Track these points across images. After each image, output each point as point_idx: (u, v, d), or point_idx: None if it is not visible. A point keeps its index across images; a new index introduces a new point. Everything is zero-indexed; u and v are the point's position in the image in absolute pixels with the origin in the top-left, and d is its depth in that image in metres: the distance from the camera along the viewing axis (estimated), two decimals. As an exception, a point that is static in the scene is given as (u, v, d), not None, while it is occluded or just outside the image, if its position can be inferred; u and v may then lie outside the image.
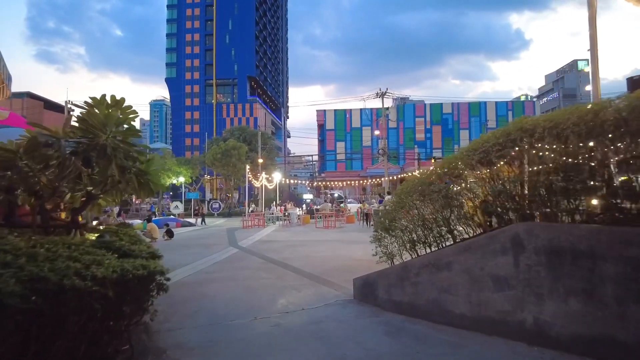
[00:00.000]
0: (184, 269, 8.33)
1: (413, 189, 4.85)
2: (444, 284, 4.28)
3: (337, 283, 6.69)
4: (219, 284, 6.88)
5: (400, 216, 5.11)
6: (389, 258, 5.33)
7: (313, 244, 12.19)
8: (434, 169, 4.64)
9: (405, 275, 4.80)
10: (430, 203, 4.53)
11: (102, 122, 4.11)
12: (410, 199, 4.87)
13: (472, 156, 4.01)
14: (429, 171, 4.66)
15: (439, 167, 4.53)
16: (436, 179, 4.50)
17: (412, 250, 5.09)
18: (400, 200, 5.06)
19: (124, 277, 2.67)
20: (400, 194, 5.13)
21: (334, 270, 7.81)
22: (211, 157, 33.51)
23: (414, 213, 4.84)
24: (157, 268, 3.13)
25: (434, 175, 4.50)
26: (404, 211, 5.04)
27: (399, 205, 5.06)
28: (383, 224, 5.36)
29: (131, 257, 3.26)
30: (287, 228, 18.49)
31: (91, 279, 2.31)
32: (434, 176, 4.51)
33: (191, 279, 7.38)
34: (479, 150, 3.90)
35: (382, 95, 36.46)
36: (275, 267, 8.39)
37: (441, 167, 4.51)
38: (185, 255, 10.50)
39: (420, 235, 4.81)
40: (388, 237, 5.37)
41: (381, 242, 5.49)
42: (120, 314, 2.83)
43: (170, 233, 14.32)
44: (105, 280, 2.44)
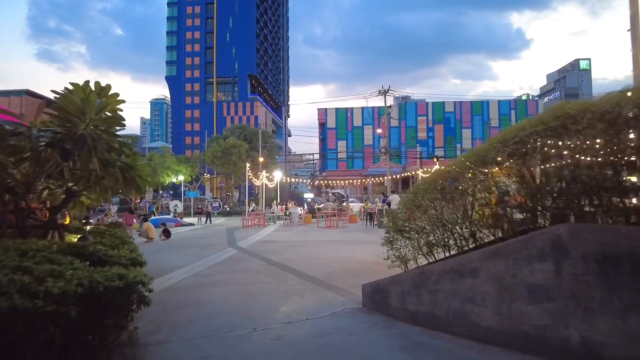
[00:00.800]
0: (179, 272, 7.84)
1: (431, 186, 4.34)
2: (469, 292, 3.77)
3: (343, 288, 6.19)
4: (216, 289, 6.39)
5: (416, 216, 4.61)
6: (402, 262, 4.83)
7: (315, 244, 11.70)
8: (455, 163, 4.14)
9: (422, 282, 4.30)
10: (452, 202, 4.02)
11: (79, 108, 3.61)
12: (428, 197, 4.37)
13: (503, 148, 3.50)
14: (450, 166, 4.15)
15: (461, 161, 4.03)
16: (458, 175, 4.00)
17: (429, 255, 4.59)
18: (416, 199, 4.55)
19: (93, 290, 2.18)
20: (417, 192, 4.63)
21: (339, 274, 7.32)
22: (211, 155, 33.00)
23: (432, 213, 4.34)
24: (137, 278, 2.63)
25: (456, 170, 3.99)
26: (419, 211, 4.54)
27: (415, 205, 4.56)
28: (396, 225, 4.86)
29: (107, 265, 2.76)
30: (288, 228, 18.00)
31: (44, 296, 1.82)
32: (455, 171, 4.00)
33: (187, 283, 6.89)
34: (511, 141, 3.39)
35: (384, 93, 35.91)
36: (276, 269, 7.89)
37: (464, 161, 4.00)
38: (182, 256, 10.01)
39: (439, 238, 4.31)
40: (401, 239, 4.86)
41: (393, 244, 5.00)
42: (90, 334, 2.33)
43: (167, 233, 13.82)
44: (65, 297, 1.95)
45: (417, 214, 4.61)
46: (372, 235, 13.88)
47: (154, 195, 39.58)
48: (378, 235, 13.84)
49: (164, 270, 7.99)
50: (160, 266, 8.57)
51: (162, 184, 36.16)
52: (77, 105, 3.58)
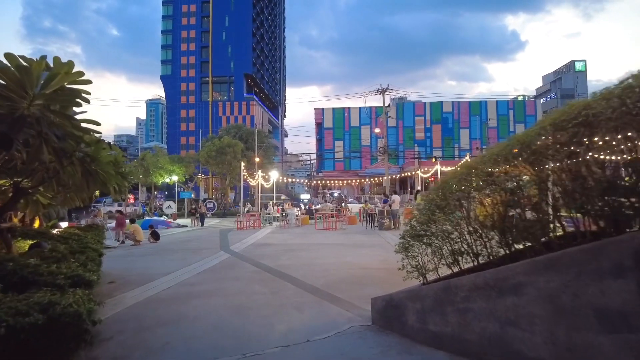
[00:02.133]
0: (163, 280, 7.04)
1: (463, 180, 3.59)
2: (511, 314, 3.02)
3: (348, 300, 5.43)
4: (202, 301, 5.59)
5: (438, 219, 3.85)
6: (420, 274, 4.06)
7: (314, 248, 10.92)
8: (493, 151, 3.37)
9: (448, 298, 3.55)
10: (490, 198, 3.27)
11: (18, 81, 2.82)
12: (457, 196, 3.61)
13: (558, 132, 2.75)
14: (490, 154, 3.38)
15: (501, 148, 3.26)
16: (499, 165, 3.24)
17: (454, 264, 3.83)
18: (441, 197, 3.79)
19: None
20: (442, 189, 3.87)
21: (342, 282, 6.55)
22: (205, 154, 32.07)
23: (461, 215, 3.59)
24: (72, 307, 1.84)
25: (499, 159, 3.22)
26: (443, 212, 3.78)
27: (437, 205, 3.80)
28: (413, 229, 4.09)
29: (33, 287, 1.97)
30: (285, 229, 17.19)
31: None
32: (498, 160, 3.24)
33: (169, 294, 6.09)
34: (570, 122, 2.64)
35: (382, 92, 35.22)
36: (271, 277, 7.11)
37: (507, 147, 3.23)
38: (168, 261, 9.19)
39: (468, 245, 3.55)
40: (419, 245, 4.10)
41: (409, 251, 4.23)
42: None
43: (155, 235, 12.97)
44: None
45: (440, 216, 3.85)
46: (373, 237, 13.13)
47: (148, 196, 38.65)
48: (380, 238, 13.20)
49: (147, 278, 7.19)
50: (143, 273, 7.76)
51: (155, 184, 35.21)
52: (13, 76, 2.79)
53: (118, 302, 5.57)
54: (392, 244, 11.54)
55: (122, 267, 8.64)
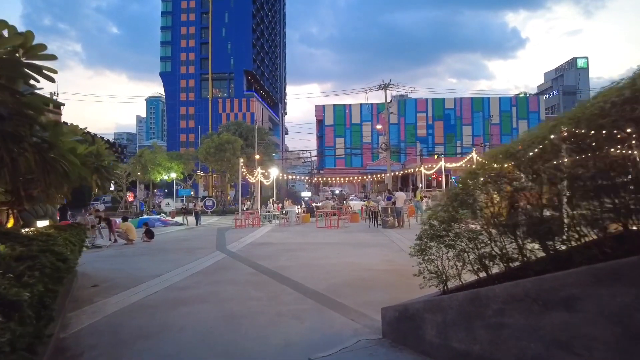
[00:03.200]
0: (151, 283, 6.47)
1: (494, 170, 2.99)
2: (560, 334, 2.43)
3: (354, 308, 4.85)
4: (191, 308, 5.02)
5: (464, 216, 3.26)
6: (440, 281, 3.48)
7: (315, 247, 10.34)
8: (538, 132, 2.77)
9: (476, 310, 2.96)
10: (538, 188, 2.69)
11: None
12: (489, 188, 3.02)
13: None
14: (541, 131, 2.75)
15: (550, 127, 2.65)
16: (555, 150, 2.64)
17: (481, 270, 3.25)
18: (468, 191, 3.20)
19: None
20: (467, 183, 3.27)
21: (346, 286, 5.97)
22: (204, 151, 31.43)
23: (495, 211, 3.00)
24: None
25: (542, 140, 2.62)
26: (470, 210, 3.19)
27: (463, 200, 3.20)
28: (433, 228, 3.50)
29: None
30: (285, 228, 16.62)
31: None
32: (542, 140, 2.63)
33: (156, 299, 5.52)
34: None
35: (384, 87, 34.57)
36: (269, 280, 6.53)
37: (554, 126, 2.62)
38: (160, 262, 8.62)
39: (501, 247, 2.97)
40: (438, 247, 3.52)
41: (426, 254, 3.64)
42: None
43: (149, 234, 12.40)
44: None
45: (464, 213, 3.26)
46: (377, 236, 12.55)
47: (146, 193, 38.12)
48: (384, 236, 12.62)
49: (134, 281, 6.62)
50: (131, 275, 7.19)
51: (153, 182, 34.63)
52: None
53: (98, 310, 5.00)
54: (397, 243, 11.00)
55: (109, 268, 8.08)
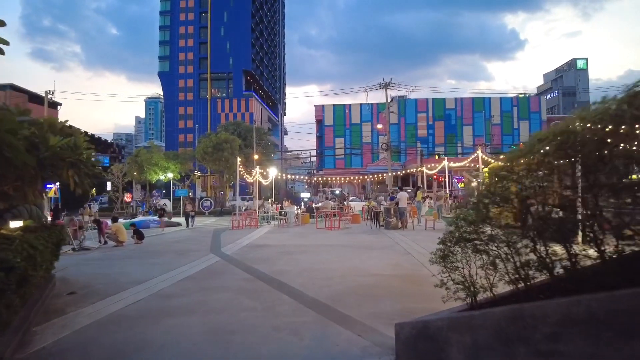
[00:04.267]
0: (135, 290, 5.86)
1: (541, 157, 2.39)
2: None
3: (360, 320, 4.25)
4: (176, 320, 4.42)
5: (499, 217, 2.67)
6: (470, 293, 2.88)
7: (315, 250, 9.74)
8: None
9: (519, 332, 2.37)
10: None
11: None
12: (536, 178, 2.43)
13: None
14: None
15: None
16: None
17: (519, 281, 2.66)
18: (500, 185, 2.61)
19: None
20: (501, 175, 2.68)
21: (349, 294, 5.37)
22: (201, 151, 30.74)
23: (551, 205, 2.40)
24: None
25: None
26: (507, 207, 2.60)
27: (502, 196, 2.61)
28: (460, 229, 2.90)
29: None
30: (284, 229, 16.01)
31: None
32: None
33: (138, 309, 4.91)
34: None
35: (385, 86, 34.01)
36: (265, 287, 5.93)
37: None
38: (148, 266, 8.02)
39: (545, 255, 2.38)
40: (466, 252, 2.92)
41: (450, 261, 3.05)
42: None
43: (139, 235, 11.77)
44: None
45: (498, 212, 2.67)
46: (381, 237, 11.95)
47: (143, 194, 37.45)
48: (388, 238, 12.01)
49: (116, 287, 6.01)
50: (115, 280, 6.59)
51: (150, 182, 33.94)
52: None
53: (68, 323, 4.39)
54: (402, 245, 10.40)
55: (93, 272, 7.47)
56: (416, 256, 8.34)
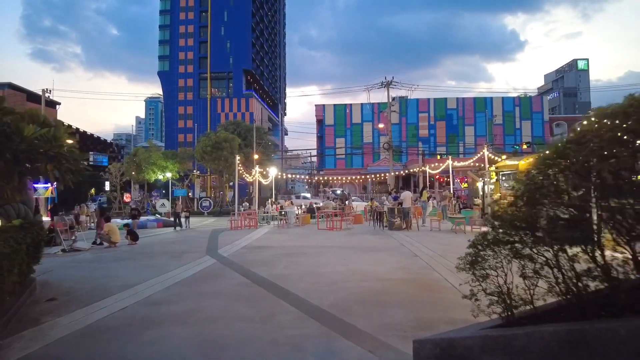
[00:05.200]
0: (122, 296, 5.37)
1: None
2: None
3: (370, 333, 3.76)
4: (163, 332, 3.93)
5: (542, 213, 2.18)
6: (507, 307, 2.39)
7: (317, 251, 9.25)
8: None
9: (581, 356, 1.89)
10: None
11: None
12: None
13: None
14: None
15: None
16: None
17: (569, 293, 2.17)
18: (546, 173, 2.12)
19: None
20: (548, 163, 2.19)
21: (356, 302, 4.88)
22: (200, 150, 30.22)
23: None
24: None
25: None
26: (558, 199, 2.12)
27: (555, 188, 2.12)
28: (497, 230, 2.41)
29: None
30: (284, 229, 15.51)
31: None
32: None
33: (121, 318, 4.42)
34: None
35: (387, 85, 33.51)
36: (263, 293, 5.43)
37: None
38: (139, 269, 7.52)
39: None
40: (502, 257, 2.44)
41: (481, 268, 2.56)
42: None
43: (132, 235, 11.28)
44: None
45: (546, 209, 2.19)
46: (385, 239, 11.46)
47: (141, 194, 36.96)
48: (392, 239, 11.49)
49: (101, 292, 5.52)
50: (101, 285, 6.10)
51: (148, 182, 33.44)
52: None
53: (40, 335, 3.90)
54: (408, 247, 9.90)
55: (79, 275, 6.98)
56: (424, 259, 7.85)
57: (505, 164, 15.77)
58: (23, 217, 9.05)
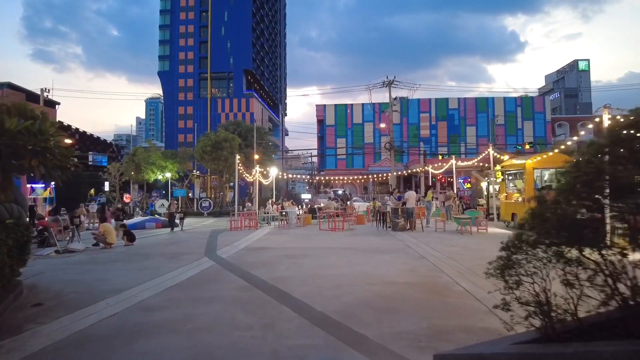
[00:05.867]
0: (113, 300, 5.03)
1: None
2: None
3: (380, 344, 3.41)
4: (154, 343, 3.59)
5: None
6: (547, 319, 2.05)
7: (319, 253, 8.90)
8: None
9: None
10: None
11: None
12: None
13: None
14: None
15: None
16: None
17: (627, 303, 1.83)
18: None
19: None
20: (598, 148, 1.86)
21: (364, 307, 4.54)
22: (200, 149, 29.90)
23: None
24: None
25: None
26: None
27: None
28: (536, 228, 2.07)
29: None
30: (285, 230, 15.17)
31: None
32: None
33: (110, 326, 4.09)
34: None
35: (389, 84, 33.18)
36: (264, 297, 5.09)
37: None
38: (134, 271, 7.18)
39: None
40: (540, 260, 2.10)
41: (512, 273, 2.22)
42: None
43: (129, 236, 10.94)
44: None
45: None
46: (389, 240, 11.11)
47: (140, 194, 36.65)
48: (397, 240, 11.12)
49: (92, 297, 5.19)
50: (92, 288, 5.77)
51: (147, 182, 33.12)
52: None
53: (19, 345, 3.57)
54: (413, 249, 9.54)
55: (70, 278, 6.64)
56: (432, 260, 7.51)
57: (511, 163, 15.41)
58: (17, 218, 8.72)
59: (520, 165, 13.89)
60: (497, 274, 2.28)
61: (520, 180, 14.06)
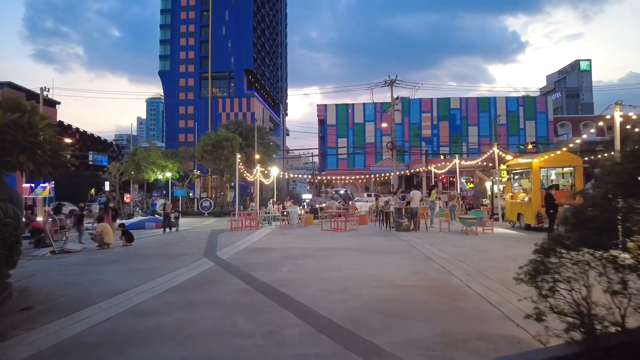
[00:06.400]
0: (107, 304, 4.78)
1: None
2: None
3: (392, 353, 3.15)
4: (147, 351, 3.34)
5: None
6: (589, 331, 1.79)
7: (323, 254, 8.64)
8: None
9: None
10: None
11: None
12: None
13: None
14: None
15: None
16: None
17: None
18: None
19: None
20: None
21: (372, 312, 4.28)
22: (200, 149, 29.64)
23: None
24: None
25: None
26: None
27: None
28: (578, 227, 1.81)
29: None
30: (286, 230, 14.91)
31: None
32: None
33: (101, 332, 3.83)
34: None
35: (391, 83, 32.94)
36: (265, 301, 4.84)
37: None
38: (130, 273, 6.93)
39: None
40: (577, 267, 1.83)
41: (546, 280, 1.96)
42: None
43: (128, 236, 10.69)
44: None
45: None
46: (394, 240, 10.84)
47: (141, 194, 36.42)
48: (401, 241, 10.84)
49: (84, 300, 4.94)
50: (85, 291, 5.52)
51: (147, 181, 32.87)
52: None
53: (1, 353, 3.31)
54: (419, 249, 9.26)
55: (63, 280, 6.39)
56: (439, 262, 7.25)
57: (517, 163, 15.12)
58: (11, 218, 8.46)
59: (527, 164, 13.61)
60: (532, 279, 2.02)
61: (526, 180, 13.78)
